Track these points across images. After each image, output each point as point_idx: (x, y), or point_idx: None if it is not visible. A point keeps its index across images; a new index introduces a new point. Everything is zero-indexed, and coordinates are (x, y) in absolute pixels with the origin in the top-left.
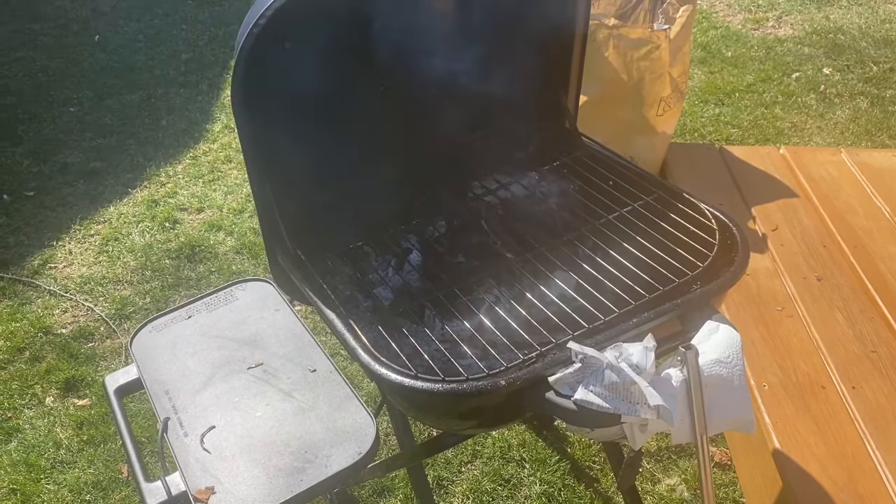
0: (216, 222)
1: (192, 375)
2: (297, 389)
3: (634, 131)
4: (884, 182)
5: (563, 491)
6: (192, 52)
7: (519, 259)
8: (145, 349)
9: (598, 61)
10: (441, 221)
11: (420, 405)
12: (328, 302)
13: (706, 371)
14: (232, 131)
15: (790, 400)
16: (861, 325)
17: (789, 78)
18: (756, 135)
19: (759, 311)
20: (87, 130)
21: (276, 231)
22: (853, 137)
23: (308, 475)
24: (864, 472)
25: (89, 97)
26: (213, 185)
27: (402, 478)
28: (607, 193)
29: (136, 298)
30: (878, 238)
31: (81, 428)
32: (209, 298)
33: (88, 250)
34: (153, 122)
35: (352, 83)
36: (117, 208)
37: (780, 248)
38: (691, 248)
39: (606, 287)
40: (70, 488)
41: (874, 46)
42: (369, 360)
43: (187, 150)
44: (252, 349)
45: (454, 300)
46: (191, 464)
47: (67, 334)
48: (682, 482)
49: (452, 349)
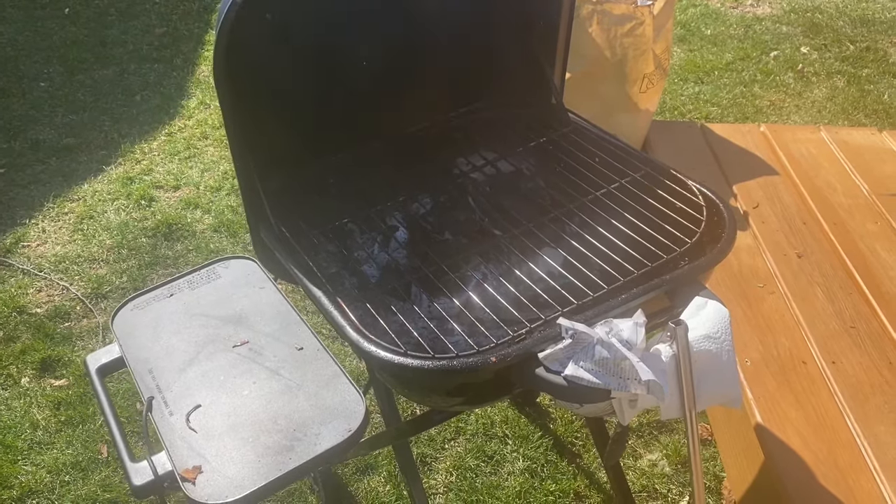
0: (193, 200)
1: (175, 354)
2: (284, 367)
3: (617, 108)
4: (862, 160)
5: (545, 466)
6: (166, 27)
7: (507, 236)
8: (127, 328)
9: (581, 37)
10: (426, 198)
11: (409, 382)
12: (314, 279)
13: (695, 347)
14: (207, 107)
15: (772, 375)
16: (840, 301)
17: (768, 56)
18: (735, 113)
19: (741, 288)
20: (59, 106)
21: (260, 208)
22: (830, 116)
23: (297, 453)
24: (844, 446)
25: (60, 72)
26: (190, 163)
27: (386, 455)
28: (595, 170)
29: (113, 277)
30: (857, 215)
31: (59, 409)
32: (191, 276)
33: (63, 228)
34: (127, 98)
35: (332, 57)
36: (91, 186)
37: (761, 225)
38: (679, 225)
39: (595, 263)
40: (48, 469)
41: (851, 25)
42: (357, 337)
43: (162, 126)
44: (237, 327)
45: (442, 277)
46: (177, 443)
47: (42, 314)
48: (664, 457)
49: (441, 326)
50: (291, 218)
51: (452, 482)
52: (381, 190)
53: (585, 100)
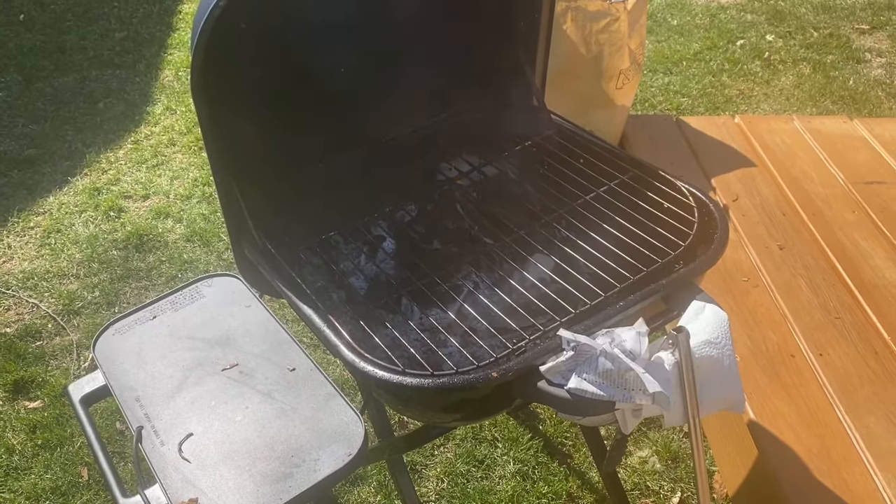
0: (163, 209)
1: (163, 380)
2: (277, 390)
3: (594, 104)
4: (835, 148)
5: (536, 469)
6: (127, 31)
7: (497, 243)
8: (110, 353)
9: (556, 35)
10: (413, 207)
11: (408, 400)
12: (302, 295)
13: (697, 353)
14: (174, 113)
15: (761, 370)
16: (824, 292)
17: (734, 45)
18: (706, 103)
19: (726, 283)
20: (18, 116)
21: (242, 222)
22: (798, 103)
23: (297, 481)
24: (836, 438)
25: (18, 81)
26: (158, 171)
27: (375, 466)
28: (582, 173)
29: (84, 293)
30: (834, 205)
31: (35, 432)
32: (174, 297)
33: (29, 244)
34: (89, 106)
35: (310, 65)
36: (57, 198)
37: (741, 218)
38: (671, 227)
39: (589, 270)
40: (27, 495)
41: (813, 12)
42: (353, 357)
43: (128, 134)
44: (224, 349)
45: (432, 287)
46: (170, 474)
47: (12, 333)
48: (654, 454)
49: (433, 337)
50: (275, 232)
51: (444, 489)
52: (366, 199)
53: (562, 97)
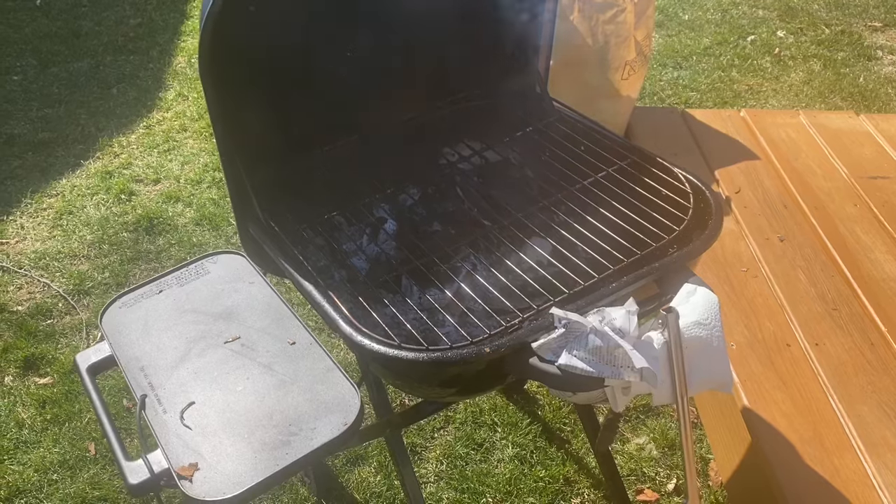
0: (174, 193)
1: (167, 351)
2: (277, 362)
3: (600, 95)
4: (840, 143)
5: (535, 453)
6: (141, 17)
7: (496, 226)
8: (116, 325)
9: (563, 25)
10: (415, 190)
11: (403, 374)
12: (304, 272)
13: (686, 333)
14: (186, 99)
15: (757, 358)
16: (822, 283)
17: (745, 41)
18: (714, 98)
19: (725, 273)
20: (34, 100)
21: (247, 202)
22: (807, 99)
23: (293, 448)
24: (829, 426)
25: (33, 65)
26: (169, 155)
27: (376, 446)
28: (581, 159)
29: (95, 273)
30: (837, 198)
31: (44, 407)
32: (180, 272)
33: (41, 224)
34: (103, 91)
35: (315, 48)
36: (70, 180)
37: (743, 209)
38: (667, 212)
39: (584, 252)
40: (35, 468)
41: (826, 9)
42: (350, 330)
43: (140, 119)
44: (228, 323)
45: (432, 268)
46: (172, 441)
47: (24, 311)
48: (651, 441)
49: (432, 317)
50: (279, 211)
51: (443, 470)
52: (369, 182)
53: (568, 87)
